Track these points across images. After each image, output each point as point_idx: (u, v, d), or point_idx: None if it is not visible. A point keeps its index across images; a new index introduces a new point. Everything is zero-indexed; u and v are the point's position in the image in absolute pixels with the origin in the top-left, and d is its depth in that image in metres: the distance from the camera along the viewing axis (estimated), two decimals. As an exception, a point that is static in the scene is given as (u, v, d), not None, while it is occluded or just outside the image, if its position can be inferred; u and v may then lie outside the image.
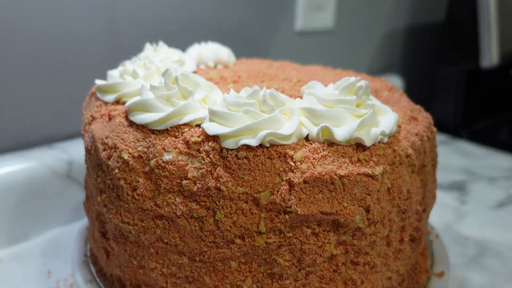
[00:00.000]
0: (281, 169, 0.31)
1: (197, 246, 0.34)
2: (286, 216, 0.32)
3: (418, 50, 1.13)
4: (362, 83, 0.35)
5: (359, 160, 0.32)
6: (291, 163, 0.31)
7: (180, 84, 0.36)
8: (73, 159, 0.58)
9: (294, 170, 0.31)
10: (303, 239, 0.33)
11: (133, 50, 0.64)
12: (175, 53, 0.50)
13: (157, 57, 0.46)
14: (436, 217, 0.62)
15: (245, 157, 0.31)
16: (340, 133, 0.32)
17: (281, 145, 0.32)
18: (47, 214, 0.57)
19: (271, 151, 0.32)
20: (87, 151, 0.40)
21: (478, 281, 0.50)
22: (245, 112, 0.33)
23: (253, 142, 0.31)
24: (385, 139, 0.34)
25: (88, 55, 0.61)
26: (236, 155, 0.31)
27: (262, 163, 0.31)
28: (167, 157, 0.32)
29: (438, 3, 1.10)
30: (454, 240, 0.58)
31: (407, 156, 0.35)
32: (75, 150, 0.59)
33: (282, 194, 0.31)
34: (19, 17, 0.53)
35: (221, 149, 0.32)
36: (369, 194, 0.32)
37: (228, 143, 0.31)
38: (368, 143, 0.33)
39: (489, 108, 1.08)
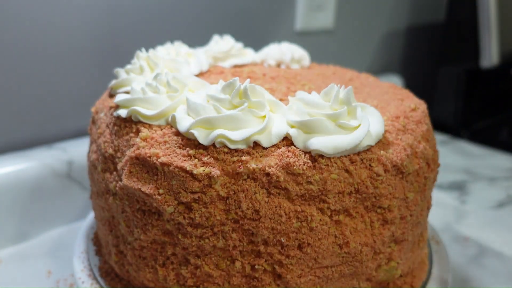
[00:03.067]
0: (131, 142, 0.35)
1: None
2: (120, 183, 0.35)
3: (418, 50, 1.13)
4: (243, 86, 0.34)
5: (189, 155, 0.33)
6: (137, 139, 0.35)
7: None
8: (73, 159, 0.58)
9: (133, 145, 0.35)
10: (129, 214, 0.36)
11: (133, 49, 0.64)
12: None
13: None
14: (436, 217, 0.62)
15: (117, 124, 0.38)
16: (182, 123, 0.34)
17: (142, 122, 0.36)
18: (47, 214, 0.57)
19: (133, 125, 0.37)
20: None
21: (478, 281, 0.50)
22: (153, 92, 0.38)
23: (123, 113, 0.37)
24: (230, 145, 0.32)
25: (88, 54, 0.61)
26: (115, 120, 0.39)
27: (126, 132, 0.37)
28: None
29: (438, 3, 1.10)
30: (454, 240, 0.58)
31: (267, 174, 0.32)
32: (75, 150, 0.59)
33: (122, 165, 0.35)
34: (19, 17, 0.53)
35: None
36: (185, 191, 0.32)
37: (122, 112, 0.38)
38: (202, 141, 0.33)
39: (489, 108, 1.08)
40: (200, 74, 0.49)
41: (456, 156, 0.88)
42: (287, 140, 0.34)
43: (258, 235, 0.33)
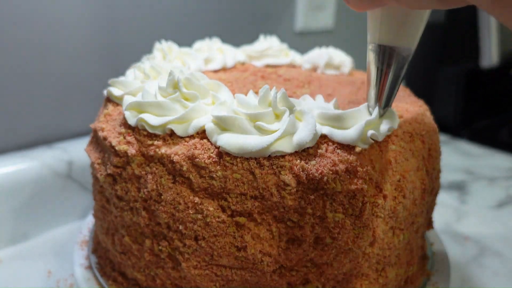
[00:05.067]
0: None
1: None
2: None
3: (418, 50, 1.13)
4: (177, 77, 0.36)
5: (121, 133, 0.36)
6: (101, 116, 0.40)
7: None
8: (73, 159, 0.58)
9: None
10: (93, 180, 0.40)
11: (134, 48, 0.64)
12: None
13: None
14: (436, 217, 0.62)
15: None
16: (123, 104, 0.36)
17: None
18: (47, 214, 0.57)
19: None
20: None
21: (478, 281, 0.50)
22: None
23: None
24: (149, 129, 0.34)
25: (88, 54, 0.61)
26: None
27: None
28: None
29: (438, 3, 1.10)
30: (454, 240, 0.58)
31: (172, 161, 0.33)
32: (75, 150, 0.59)
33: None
34: (20, 18, 0.53)
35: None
36: (111, 163, 0.37)
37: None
38: (130, 122, 0.35)
39: (489, 108, 1.08)
40: (223, 69, 0.53)
41: (456, 156, 0.88)
42: (205, 134, 0.34)
43: (160, 218, 0.34)
